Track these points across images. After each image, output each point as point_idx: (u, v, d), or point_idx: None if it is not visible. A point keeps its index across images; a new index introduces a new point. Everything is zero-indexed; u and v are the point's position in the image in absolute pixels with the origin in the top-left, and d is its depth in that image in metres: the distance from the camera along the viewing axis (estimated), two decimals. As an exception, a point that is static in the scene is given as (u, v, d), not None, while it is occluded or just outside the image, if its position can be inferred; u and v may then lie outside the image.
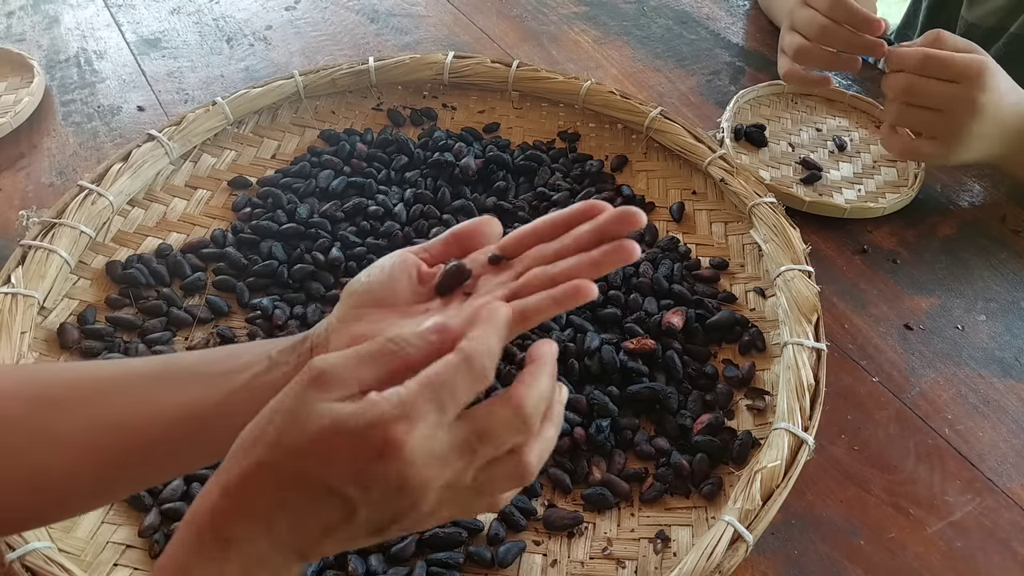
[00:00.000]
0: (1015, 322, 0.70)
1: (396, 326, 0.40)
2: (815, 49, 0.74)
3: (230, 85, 0.92)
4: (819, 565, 0.54)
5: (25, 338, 0.60)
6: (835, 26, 0.72)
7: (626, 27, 1.05)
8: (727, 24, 1.06)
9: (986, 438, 0.62)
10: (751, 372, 0.63)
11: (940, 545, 0.56)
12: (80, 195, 0.68)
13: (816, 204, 0.77)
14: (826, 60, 0.75)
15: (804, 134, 0.87)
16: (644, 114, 0.80)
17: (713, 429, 0.59)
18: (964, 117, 0.70)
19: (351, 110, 0.86)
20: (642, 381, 0.62)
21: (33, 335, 0.61)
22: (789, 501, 0.54)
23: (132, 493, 0.54)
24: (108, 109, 0.89)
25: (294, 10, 1.06)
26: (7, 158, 0.82)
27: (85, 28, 1.01)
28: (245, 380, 0.41)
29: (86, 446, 0.40)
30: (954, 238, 0.78)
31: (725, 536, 0.50)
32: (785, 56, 0.78)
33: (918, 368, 0.67)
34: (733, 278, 0.72)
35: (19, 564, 0.47)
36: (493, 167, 0.78)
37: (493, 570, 0.53)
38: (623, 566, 0.53)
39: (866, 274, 0.74)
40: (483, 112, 0.87)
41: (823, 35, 0.73)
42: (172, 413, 0.41)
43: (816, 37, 0.73)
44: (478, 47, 1.00)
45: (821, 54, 0.74)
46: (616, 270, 0.69)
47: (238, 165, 0.80)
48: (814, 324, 0.62)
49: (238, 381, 0.41)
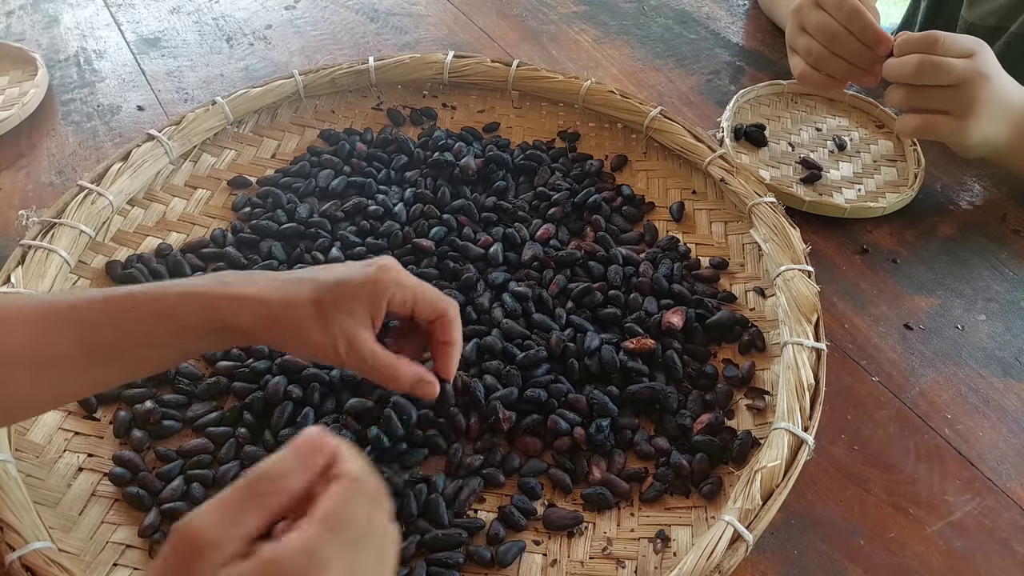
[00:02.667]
0: (1015, 322, 0.70)
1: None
2: (833, 59, 0.73)
3: (230, 84, 0.92)
4: (819, 565, 0.54)
5: (25, 338, 0.60)
6: (847, 35, 0.71)
7: (626, 27, 1.05)
8: (727, 24, 1.06)
9: (986, 438, 0.62)
10: (751, 372, 0.63)
11: (940, 545, 0.56)
12: (80, 195, 0.68)
13: (816, 204, 0.77)
14: (844, 71, 0.74)
15: (804, 134, 0.87)
16: (644, 114, 0.80)
17: (713, 429, 0.59)
18: (977, 89, 0.69)
19: (351, 110, 0.86)
20: (642, 381, 0.62)
21: (33, 335, 0.61)
22: (789, 501, 0.54)
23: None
24: (108, 109, 0.89)
25: (294, 9, 1.06)
26: (7, 157, 0.82)
27: (85, 27, 1.01)
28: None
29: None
30: (954, 238, 0.78)
31: (725, 536, 0.50)
32: (798, 57, 0.77)
33: (918, 368, 0.67)
34: (733, 278, 0.72)
35: (19, 564, 0.47)
36: (493, 167, 0.78)
37: (493, 570, 0.53)
38: (623, 566, 0.53)
39: (866, 274, 0.74)
40: (483, 112, 0.87)
41: (833, 41, 0.72)
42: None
43: (826, 42, 0.73)
44: (478, 47, 1.00)
45: (840, 64, 0.73)
46: (616, 270, 0.69)
47: (238, 165, 0.79)
48: (814, 324, 0.62)
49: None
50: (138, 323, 0.47)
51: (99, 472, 0.56)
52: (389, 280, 0.50)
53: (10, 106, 0.85)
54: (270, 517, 0.30)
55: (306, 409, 0.59)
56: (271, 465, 0.31)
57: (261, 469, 0.31)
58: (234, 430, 0.58)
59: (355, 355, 0.49)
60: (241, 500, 0.30)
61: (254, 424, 0.59)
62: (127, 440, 0.58)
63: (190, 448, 0.57)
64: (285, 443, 0.55)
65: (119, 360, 0.48)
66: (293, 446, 0.33)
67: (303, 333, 0.48)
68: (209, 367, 0.63)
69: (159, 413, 0.59)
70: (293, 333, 0.48)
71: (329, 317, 0.48)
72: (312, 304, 0.48)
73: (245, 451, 0.57)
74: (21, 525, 0.49)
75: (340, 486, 0.32)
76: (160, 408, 0.59)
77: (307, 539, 0.30)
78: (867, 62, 0.72)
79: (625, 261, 0.70)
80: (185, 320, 0.47)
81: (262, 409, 0.59)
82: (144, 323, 0.47)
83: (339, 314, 0.48)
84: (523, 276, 0.69)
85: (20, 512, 0.49)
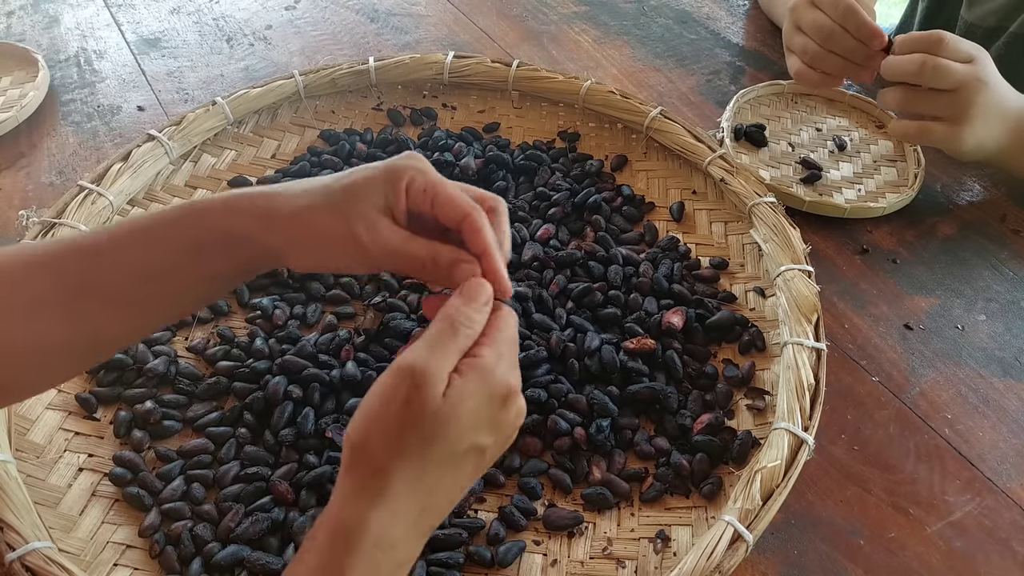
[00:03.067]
0: (1015, 322, 0.70)
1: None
2: (829, 56, 0.74)
3: (230, 85, 0.92)
4: (819, 565, 0.54)
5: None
6: (842, 33, 0.71)
7: (626, 27, 1.05)
8: (727, 24, 1.06)
9: (986, 438, 0.62)
10: (751, 372, 0.63)
11: (940, 545, 0.56)
12: (80, 195, 0.68)
13: (816, 204, 0.77)
14: (840, 67, 0.74)
15: (804, 134, 0.87)
16: (644, 114, 0.80)
17: (713, 429, 0.59)
18: (974, 94, 0.70)
19: (351, 110, 0.86)
20: (642, 381, 0.62)
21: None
22: (789, 501, 0.54)
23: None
24: (108, 109, 0.89)
25: (294, 10, 1.06)
26: (7, 157, 0.82)
27: (85, 28, 1.01)
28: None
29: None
30: (954, 238, 0.78)
31: (725, 536, 0.50)
32: (794, 56, 0.77)
33: (918, 368, 0.67)
34: (733, 278, 0.72)
35: (19, 564, 0.47)
36: (493, 167, 0.78)
37: (493, 570, 0.53)
38: (623, 566, 0.53)
39: (866, 274, 0.74)
40: (483, 112, 0.87)
41: (829, 39, 0.72)
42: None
43: (822, 41, 0.73)
44: (478, 47, 1.00)
45: (836, 61, 0.74)
46: (616, 270, 0.69)
47: (238, 165, 0.79)
48: (814, 324, 0.62)
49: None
50: (150, 247, 0.44)
51: (99, 472, 0.56)
52: (408, 164, 0.45)
53: (9, 108, 0.85)
54: (462, 354, 0.40)
55: (306, 409, 0.59)
56: (465, 313, 0.40)
57: (460, 315, 0.40)
58: (234, 430, 0.58)
59: (380, 239, 0.44)
60: (448, 341, 0.39)
61: (254, 424, 0.59)
62: (127, 440, 0.58)
63: (190, 448, 0.57)
64: (285, 443, 0.57)
65: (146, 299, 0.44)
66: (476, 295, 0.42)
67: (316, 226, 0.44)
68: (209, 367, 0.63)
69: (159, 413, 0.59)
70: (304, 229, 0.44)
71: (342, 202, 0.44)
72: (323, 193, 0.44)
73: (245, 451, 0.57)
74: (21, 525, 0.49)
75: (506, 320, 0.42)
76: (160, 408, 0.59)
77: (498, 352, 0.40)
78: (862, 58, 0.73)
79: (625, 261, 0.71)
80: (194, 233, 0.44)
81: (262, 409, 0.59)
82: (159, 246, 0.44)
83: (352, 199, 0.44)
84: (523, 276, 0.69)
85: (20, 512, 0.50)
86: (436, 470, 0.39)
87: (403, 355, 0.38)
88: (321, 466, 0.56)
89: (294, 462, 0.56)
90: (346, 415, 0.58)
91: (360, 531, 0.37)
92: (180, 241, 0.44)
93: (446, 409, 0.38)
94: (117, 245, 0.44)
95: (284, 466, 0.56)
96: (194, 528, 0.53)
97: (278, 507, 0.54)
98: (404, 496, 0.38)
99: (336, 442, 0.56)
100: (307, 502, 0.54)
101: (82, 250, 0.44)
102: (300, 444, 0.57)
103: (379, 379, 0.39)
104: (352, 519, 0.37)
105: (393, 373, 0.38)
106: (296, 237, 0.44)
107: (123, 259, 0.44)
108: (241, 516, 0.53)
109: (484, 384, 0.39)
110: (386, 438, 0.38)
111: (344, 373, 0.61)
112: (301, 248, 0.45)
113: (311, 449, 0.57)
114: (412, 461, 0.38)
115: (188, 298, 0.47)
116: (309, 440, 0.57)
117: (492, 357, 0.40)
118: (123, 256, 0.44)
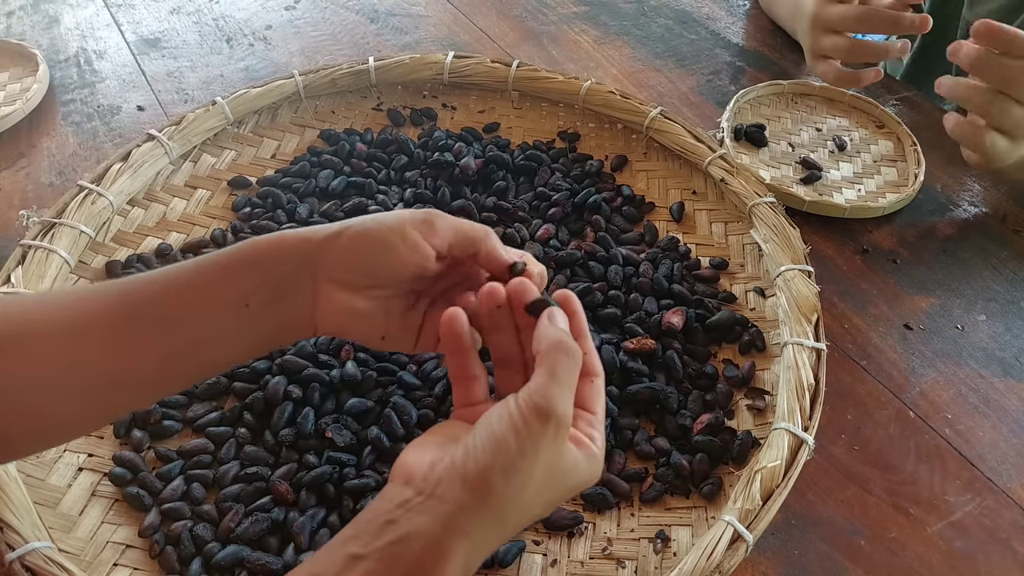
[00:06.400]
0: (1015, 322, 0.70)
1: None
2: (863, 42, 0.72)
3: (230, 85, 0.92)
4: (819, 565, 0.54)
5: (25, 338, 0.60)
6: (874, 10, 0.70)
7: (626, 27, 1.05)
8: (727, 24, 1.06)
9: (986, 438, 0.62)
10: (751, 372, 0.63)
11: (940, 545, 0.56)
12: (80, 195, 0.68)
13: (816, 204, 0.77)
14: (880, 51, 0.73)
15: (804, 134, 0.87)
16: (644, 114, 0.81)
17: (713, 429, 0.59)
18: None
19: (351, 110, 0.86)
20: (642, 381, 0.62)
21: (33, 335, 0.61)
22: (789, 501, 0.54)
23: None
24: (108, 109, 0.89)
25: (294, 10, 1.06)
26: (7, 158, 0.82)
27: (85, 28, 1.01)
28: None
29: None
30: (954, 238, 0.78)
31: (725, 536, 0.50)
32: (825, 61, 0.76)
33: (918, 368, 0.67)
34: (733, 278, 0.72)
35: (19, 564, 0.47)
36: (493, 167, 0.78)
37: (493, 570, 0.53)
38: (623, 566, 0.53)
39: (866, 274, 0.74)
40: (483, 112, 0.87)
41: (863, 23, 0.71)
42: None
43: (856, 27, 0.71)
44: (478, 47, 1.00)
45: (874, 46, 0.72)
46: (616, 270, 0.69)
47: (238, 165, 0.80)
48: (814, 324, 0.62)
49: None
50: (202, 298, 0.42)
51: (99, 472, 0.56)
52: (416, 219, 0.44)
53: (13, 102, 0.85)
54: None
55: (306, 409, 0.59)
56: (572, 371, 0.39)
57: (575, 350, 0.40)
58: (234, 430, 0.58)
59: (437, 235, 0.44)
60: (569, 391, 0.39)
61: (254, 424, 0.59)
62: (127, 440, 0.58)
63: (190, 448, 0.57)
64: (285, 443, 0.56)
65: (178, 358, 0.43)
66: (568, 358, 0.40)
67: (366, 229, 0.44)
68: (209, 367, 0.63)
69: (159, 413, 0.59)
70: (351, 232, 0.44)
71: (387, 216, 0.44)
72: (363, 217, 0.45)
73: (245, 451, 0.57)
74: (21, 525, 0.49)
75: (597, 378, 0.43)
76: (160, 408, 0.59)
77: (603, 439, 0.43)
78: (906, 25, 0.70)
79: (625, 261, 0.70)
80: (243, 283, 0.43)
81: (262, 409, 0.59)
82: (205, 298, 0.42)
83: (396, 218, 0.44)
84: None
85: (20, 512, 0.50)
86: (527, 513, 0.39)
87: (539, 394, 0.38)
88: (321, 466, 0.55)
89: (294, 462, 0.56)
90: (346, 415, 0.58)
91: (454, 555, 0.36)
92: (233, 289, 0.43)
93: (563, 465, 0.39)
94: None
95: (284, 466, 0.56)
96: (194, 528, 0.53)
97: (278, 507, 0.54)
98: (498, 532, 0.38)
99: (336, 442, 0.56)
100: (307, 502, 0.54)
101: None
102: (300, 444, 0.57)
103: (506, 411, 0.38)
104: (448, 542, 0.36)
105: (531, 412, 0.37)
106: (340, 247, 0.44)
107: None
108: (241, 516, 0.53)
109: (590, 469, 0.41)
110: (517, 475, 0.37)
111: (344, 373, 0.61)
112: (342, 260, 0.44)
113: (311, 449, 0.57)
114: (522, 502, 0.38)
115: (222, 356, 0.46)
116: (309, 440, 0.57)
117: (600, 444, 0.42)
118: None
